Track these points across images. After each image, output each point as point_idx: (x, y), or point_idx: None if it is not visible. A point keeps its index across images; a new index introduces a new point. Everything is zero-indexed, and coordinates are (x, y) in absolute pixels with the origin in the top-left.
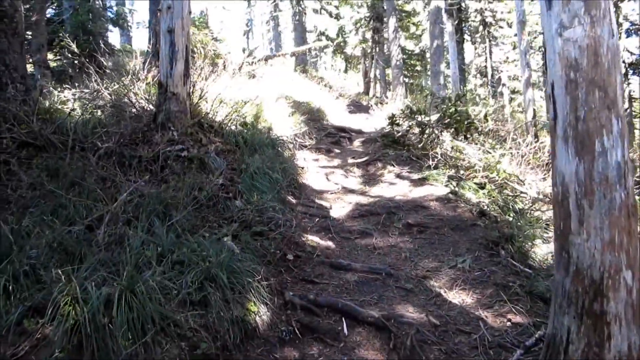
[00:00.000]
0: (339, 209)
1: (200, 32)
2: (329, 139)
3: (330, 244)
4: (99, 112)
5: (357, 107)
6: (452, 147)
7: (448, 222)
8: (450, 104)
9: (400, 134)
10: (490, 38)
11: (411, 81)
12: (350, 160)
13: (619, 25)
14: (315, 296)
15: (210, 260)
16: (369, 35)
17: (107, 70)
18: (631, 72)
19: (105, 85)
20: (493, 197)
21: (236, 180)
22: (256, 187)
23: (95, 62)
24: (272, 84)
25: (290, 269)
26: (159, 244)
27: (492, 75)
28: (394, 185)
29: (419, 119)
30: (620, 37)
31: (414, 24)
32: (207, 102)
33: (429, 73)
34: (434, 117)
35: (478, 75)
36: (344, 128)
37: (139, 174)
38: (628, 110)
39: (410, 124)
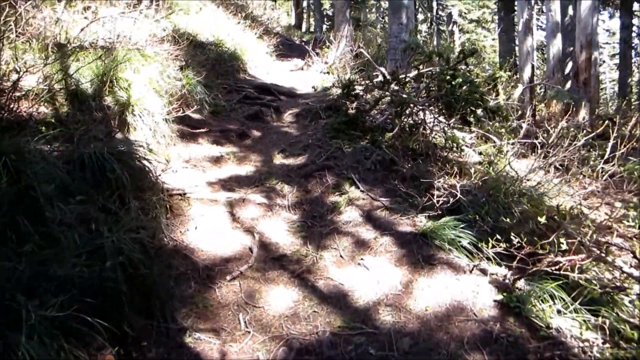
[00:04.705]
0: None
1: None
2: (246, 108)
3: None
4: None
5: (288, 48)
6: (446, 139)
7: None
8: (447, 67)
9: (356, 105)
10: None
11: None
12: (277, 159)
13: None
14: None
15: None
16: None
17: None
18: None
19: None
20: (604, 316)
21: None
22: None
23: None
24: (162, 15)
25: None
26: None
27: (437, 11)
28: (367, 253)
29: (393, 87)
30: None
31: None
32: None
33: (371, 6)
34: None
35: (420, 9)
36: (269, 88)
37: None
38: None
39: (378, 95)
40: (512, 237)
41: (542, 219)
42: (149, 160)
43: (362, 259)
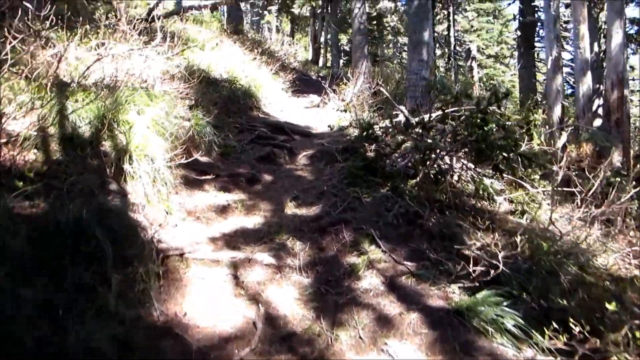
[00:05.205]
0: None
1: None
2: (257, 149)
3: None
4: None
5: (304, 83)
6: (476, 188)
7: None
8: (477, 111)
9: (375, 147)
10: (454, 3)
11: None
12: (289, 209)
13: None
14: None
15: None
16: None
17: None
18: None
19: None
20: None
21: None
22: None
23: None
24: (177, 51)
25: None
26: None
27: (455, 47)
28: (392, 335)
29: (417, 131)
30: None
31: None
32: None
33: (388, 42)
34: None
35: (438, 45)
36: (283, 127)
37: None
38: None
39: (400, 139)
40: (570, 324)
41: (612, 307)
42: (138, 220)
43: (385, 343)
